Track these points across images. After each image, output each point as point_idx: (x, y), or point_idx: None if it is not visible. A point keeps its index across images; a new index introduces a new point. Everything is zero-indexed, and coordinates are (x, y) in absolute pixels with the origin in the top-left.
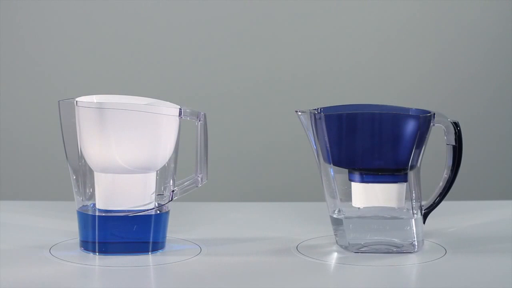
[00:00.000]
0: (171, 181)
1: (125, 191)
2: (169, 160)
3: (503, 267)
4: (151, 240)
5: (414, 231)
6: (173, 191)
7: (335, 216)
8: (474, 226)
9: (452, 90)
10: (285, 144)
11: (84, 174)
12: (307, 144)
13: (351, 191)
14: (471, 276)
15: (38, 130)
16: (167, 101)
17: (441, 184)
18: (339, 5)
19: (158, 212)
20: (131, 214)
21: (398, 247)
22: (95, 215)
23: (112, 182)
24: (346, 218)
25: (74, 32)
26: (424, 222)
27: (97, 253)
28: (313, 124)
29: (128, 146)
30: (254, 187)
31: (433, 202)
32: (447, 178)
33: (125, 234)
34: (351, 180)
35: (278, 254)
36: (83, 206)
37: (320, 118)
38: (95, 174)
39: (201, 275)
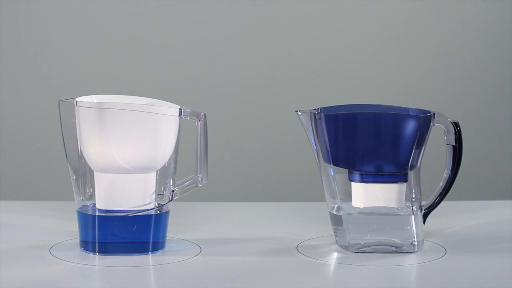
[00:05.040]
0: (171, 181)
1: (125, 191)
2: (169, 160)
3: (503, 267)
4: (151, 240)
5: (414, 231)
6: (173, 191)
7: (334, 212)
8: (474, 226)
9: (452, 90)
10: (285, 144)
11: (84, 174)
12: (307, 144)
13: (351, 191)
14: (471, 276)
15: (38, 130)
16: (167, 101)
17: (441, 184)
18: (339, 5)
19: (158, 212)
20: (131, 214)
21: (398, 247)
22: (95, 215)
23: (112, 182)
24: (345, 215)
25: (74, 32)
26: (424, 222)
27: (97, 253)
28: (313, 124)
29: (128, 146)
30: (254, 187)
31: (433, 202)
32: (447, 178)
33: (125, 234)
34: (351, 180)
35: (278, 254)
36: (83, 206)
37: (320, 118)
38: (95, 174)
39: (201, 275)
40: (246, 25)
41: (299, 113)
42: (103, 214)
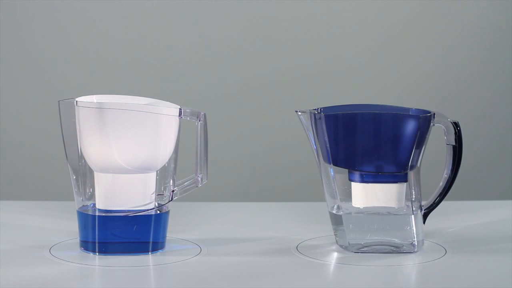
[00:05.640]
0: (171, 181)
1: (125, 191)
2: (169, 160)
3: (503, 267)
4: (151, 240)
5: (414, 231)
6: (173, 191)
7: (334, 212)
8: (474, 226)
9: (452, 90)
10: (285, 144)
11: (84, 174)
12: (307, 144)
13: (351, 191)
14: (471, 276)
15: (38, 130)
16: (167, 101)
17: (441, 184)
18: (339, 5)
19: (158, 212)
20: (131, 214)
21: (398, 247)
22: (95, 215)
23: (112, 182)
24: (345, 215)
25: (74, 32)
26: (424, 222)
27: (97, 253)
28: (313, 124)
29: (128, 146)
30: (254, 187)
31: (433, 202)
32: (447, 178)
33: (125, 234)
34: (351, 180)
35: (278, 254)
36: (83, 206)
37: (320, 118)
38: (95, 174)
39: (201, 275)
40: (246, 25)
41: (299, 113)
42: (103, 214)
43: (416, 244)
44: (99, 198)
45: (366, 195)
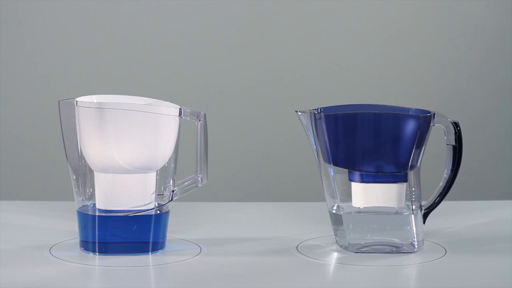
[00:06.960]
0: (171, 181)
1: (125, 191)
2: (169, 160)
3: (503, 267)
4: (151, 240)
5: (414, 231)
6: (173, 191)
7: (334, 212)
8: (474, 226)
9: (452, 90)
10: (285, 144)
11: (84, 174)
12: (307, 144)
13: (351, 191)
14: (471, 276)
15: (38, 130)
16: (167, 101)
17: (441, 184)
18: (339, 5)
19: (158, 212)
20: (131, 214)
21: (398, 247)
22: (95, 215)
23: (112, 182)
24: (345, 215)
25: (74, 32)
26: (424, 222)
27: (97, 253)
28: (313, 124)
29: (128, 146)
30: (254, 187)
31: (433, 202)
32: (447, 178)
33: (125, 234)
34: (351, 180)
35: (278, 254)
36: (83, 206)
37: (320, 118)
38: (95, 174)
39: (201, 275)
40: (246, 25)
41: (299, 113)
42: (103, 214)
43: (416, 244)
44: (99, 198)
45: (366, 195)
